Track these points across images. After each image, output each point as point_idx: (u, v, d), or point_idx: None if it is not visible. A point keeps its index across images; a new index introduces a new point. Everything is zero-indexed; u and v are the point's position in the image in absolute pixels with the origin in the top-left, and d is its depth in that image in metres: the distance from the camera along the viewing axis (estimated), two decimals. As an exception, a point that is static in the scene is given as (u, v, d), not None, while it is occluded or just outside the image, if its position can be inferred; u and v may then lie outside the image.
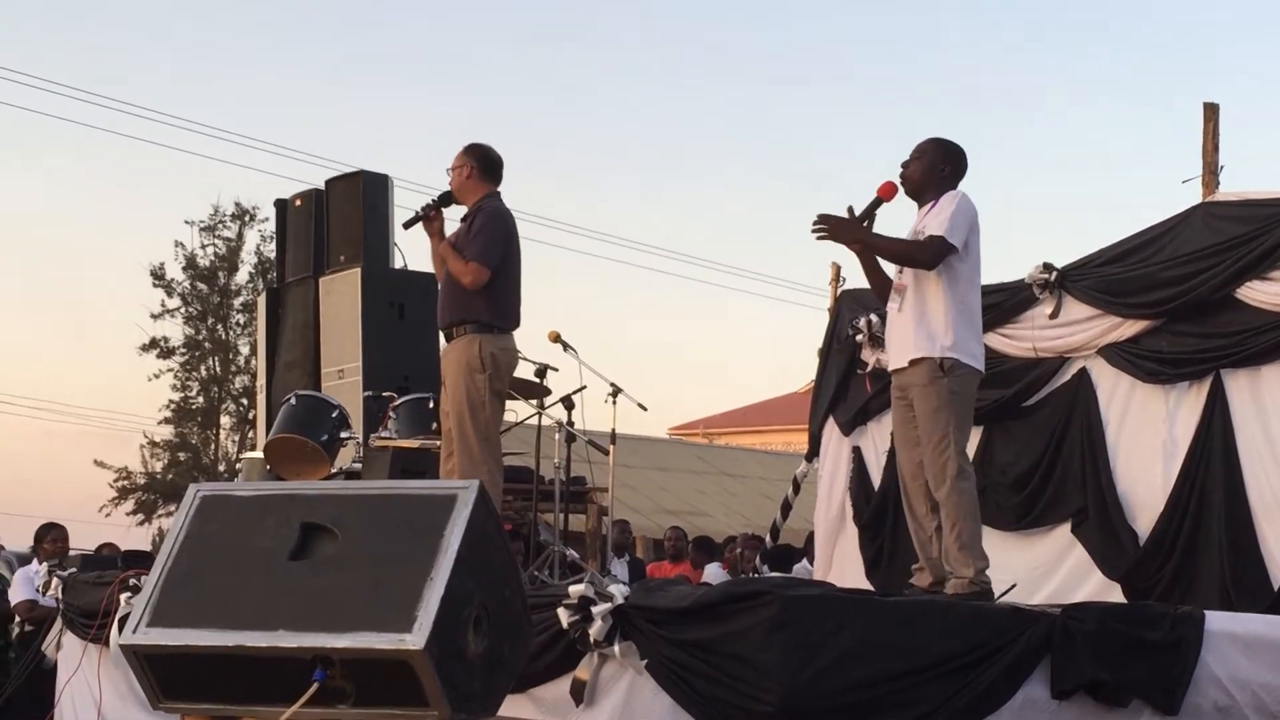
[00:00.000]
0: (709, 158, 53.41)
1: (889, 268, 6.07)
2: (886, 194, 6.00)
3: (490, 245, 6.47)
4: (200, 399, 32.56)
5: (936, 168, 5.96)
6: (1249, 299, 7.36)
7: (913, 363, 5.86)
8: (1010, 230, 45.65)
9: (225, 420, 32.86)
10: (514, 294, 6.61)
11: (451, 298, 6.52)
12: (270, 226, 28.18)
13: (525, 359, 7.08)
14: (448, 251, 6.50)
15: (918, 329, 5.84)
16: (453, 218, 6.77)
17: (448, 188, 6.67)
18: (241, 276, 32.61)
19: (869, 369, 8.94)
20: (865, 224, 5.98)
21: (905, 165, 6.02)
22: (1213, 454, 7.48)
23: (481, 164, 6.62)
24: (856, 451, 9.40)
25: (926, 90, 51.03)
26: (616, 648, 4.61)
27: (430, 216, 6.64)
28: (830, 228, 5.87)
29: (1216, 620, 5.18)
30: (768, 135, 53.48)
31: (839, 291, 10.30)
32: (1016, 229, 44.28)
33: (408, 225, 6.75)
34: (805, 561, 10.80)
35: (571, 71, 50.22)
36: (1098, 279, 8.04)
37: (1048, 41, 52.66)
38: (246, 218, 32.30)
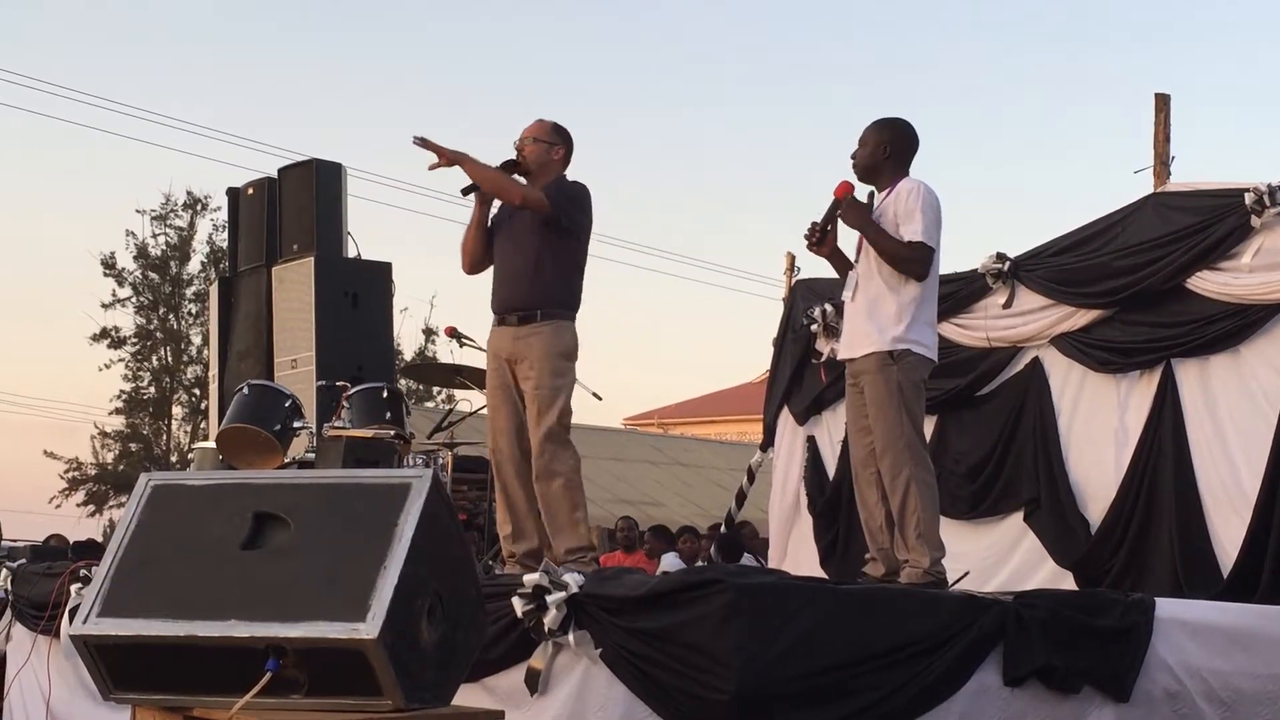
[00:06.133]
0: (664, 145, 53.43)
1: (852, 256, 6.11)
2: (842, 194, 6.02)
3: None
4: (152, 389, 32.31)
5: (879, 151, 6.01)
6: (1199, 289, 7.42)
7: (863, 355, 5.90)
8: (963, 220, 45.87)
9: (177, 410, 32.63)
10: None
11: (541, 280, 6.17)
12: (222, 215, 27.91)
13: (480, 348, 7.01)
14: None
15: (869, 320, 5.88)
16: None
17: (515, 156, 6.31)
18: (193, 266, 32.37)
19: (824, 358, 8.97)
20: (829, 229, 6.04)
21: (853, 155, 6.08)
22: (1163, 443, 7.54)
23: (569, 150, 6.44)
24: (811, 441, 9.45)
25: (876, 79, 51.20)
26: (571, 637, 4.60)
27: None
28: (844, 210, 5.95)
29: (1167, 607, 5.22)
30: (722, 122, 53.55)
31: (793, 281, 10.31)
32: (970, 218, 44.49)
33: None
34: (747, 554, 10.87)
35: (521, 56, 50.06)
36: (1050, 269, 8.09)
37: (1000, 31, 52.94)
38: (198, 206, 32.03)
